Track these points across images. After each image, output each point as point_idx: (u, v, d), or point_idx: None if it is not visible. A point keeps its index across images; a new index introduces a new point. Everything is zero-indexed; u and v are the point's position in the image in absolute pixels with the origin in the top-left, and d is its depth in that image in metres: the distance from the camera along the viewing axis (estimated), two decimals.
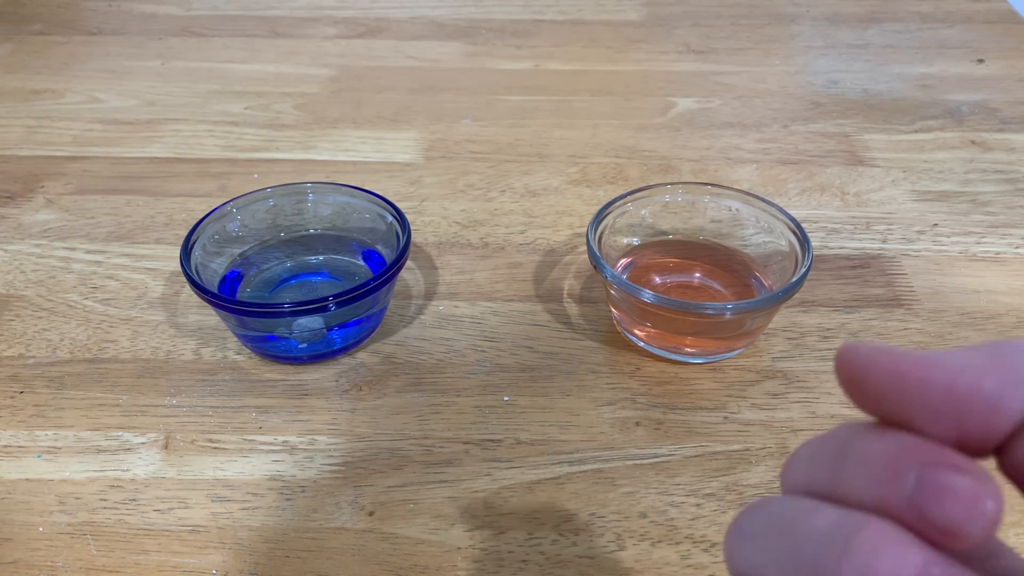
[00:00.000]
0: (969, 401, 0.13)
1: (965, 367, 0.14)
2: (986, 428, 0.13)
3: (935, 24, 0.73)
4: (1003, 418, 0.13)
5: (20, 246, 0.48)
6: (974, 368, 0.14)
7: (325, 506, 0.34)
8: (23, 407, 0.38)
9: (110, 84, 0.64)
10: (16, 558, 0.32)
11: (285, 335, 0.38)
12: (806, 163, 0.54)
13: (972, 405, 0.13)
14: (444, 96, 0.62)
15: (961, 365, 0.14)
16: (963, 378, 0.13)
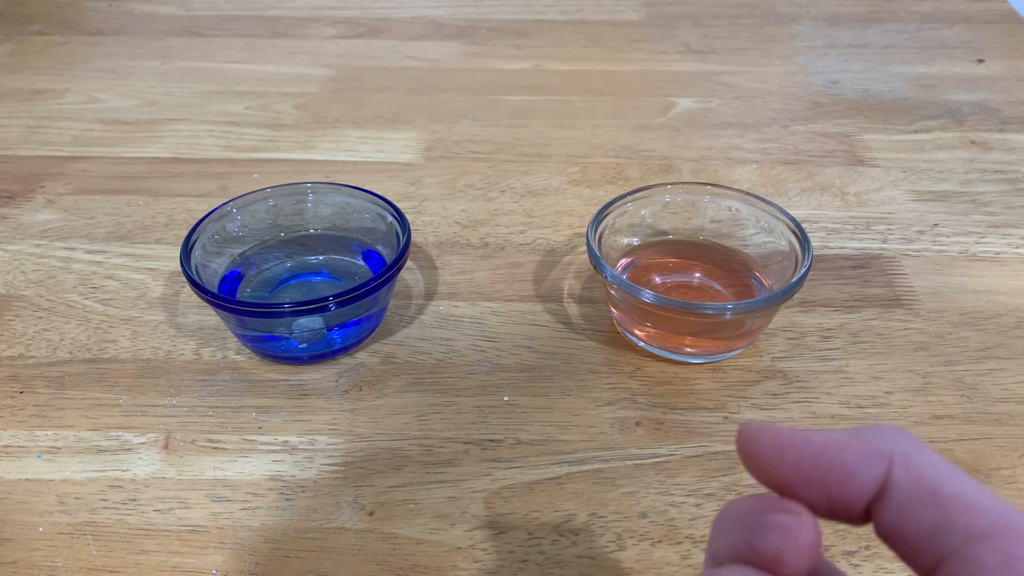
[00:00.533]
0: (831, 470, 0.16)
1: (830, 442, 0.16)
2: (848, 495, 0.16)
3: (935, 24, 0.73)
4: (860, 486, 0.16)
5: (20, 246, 0.48)
6: (837, 443, 0.16)
7: (325, 506, 0.34)
8: (23, 407, 0.38)
9: (110, 84, 0.64)
10: (16, 558, 0.32)
11: (285, 335, 0.38)
12: (806, 163, 0.54)
13: (834, 474, 0.16)
14: (444, 96, 0.62)
15: (827, 441, 0.16)
16: (827, 452, 0.16)
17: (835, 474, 0.16)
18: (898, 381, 0.39)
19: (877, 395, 0.38)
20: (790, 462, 0.17)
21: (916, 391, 0.38)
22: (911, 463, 0.16)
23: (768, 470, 0.17)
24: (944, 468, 0.16)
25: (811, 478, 0.16)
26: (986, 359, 0.40)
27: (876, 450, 0.16)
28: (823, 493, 0.16)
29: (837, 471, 0.16)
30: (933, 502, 0.16)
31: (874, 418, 0.37)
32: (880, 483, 0.16)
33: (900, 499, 0.16)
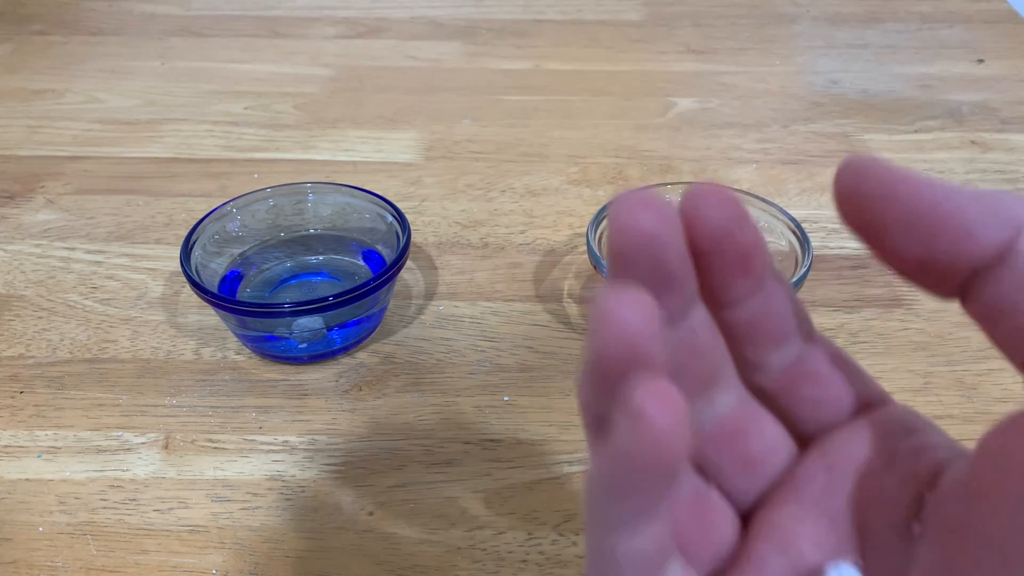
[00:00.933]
0: (947, 221, 0.14)
1: (953, 193, 0.14)
2: (958, 254, 0.14)
3: (935, 24, 0.73)
4: (977, 247, 0.14)
5: (20, 246, 0.48)
6: (963, 195, 0.14)
7: (325, 506, 0.34)
8: (23, 407, 0.38)
9: (110, 84, 0.64)
10: (16, 558, 0.32)
11: (285, 335, 0.38)
12: (806, 163, 0.54)
13: (949, 226, 0.14)
14: (444, 96, 0.62)
15: (951, 191, 0.14)
16: (948, 201, 0.14)
17: (951, 227, 0.14)
18: (898, 381, 0.39)
19: None
20: (902, 202, 0.14)
21: (916, 391, 0.38)
22: None
23: (871, 207, 0.14)
24: None
25: (921, 225, 0.14)
26: (986, 359, 0.40)
27: (1007, 213, 0.14)
28: (927, 245, 0.14)
29: (954, 224, 0.14)
30: None
31: None
32: (1000, 250, 0.14)
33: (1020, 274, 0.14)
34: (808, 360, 0.18)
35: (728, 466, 0.18)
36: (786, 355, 0.18)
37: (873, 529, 0.16)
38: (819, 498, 0.17)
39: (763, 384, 0.18)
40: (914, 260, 0.14)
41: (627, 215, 0.14)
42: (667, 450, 0.13)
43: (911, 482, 0.16)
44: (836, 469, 0.17)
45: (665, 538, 0.15)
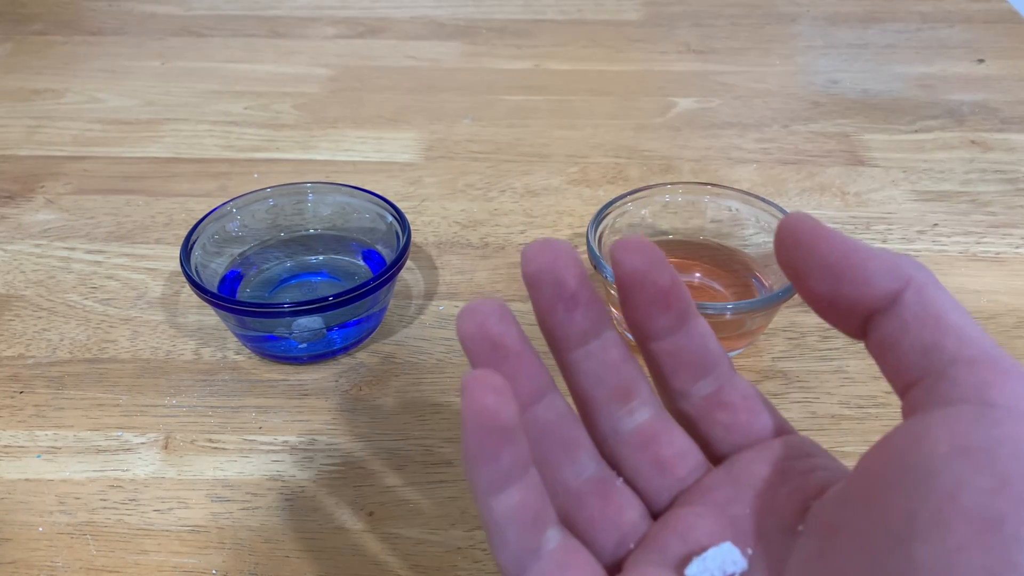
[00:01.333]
0: (853, 271, 0.18)
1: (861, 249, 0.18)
2: (859, 297, 0.18)
3: (935, 24, 0.73)
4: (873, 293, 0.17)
5: (20, 246, 0.48)
6: (867, 252, 0.18)
7: (325, 506, 0.34)
8: (23, 407, 0.38)
9: (110, 84, 0.64)
10: (16, 558, 0.32)
11: (285, 335, 0.38)
12: (806, 163, 0.54)
13: (854, 275, 0.18)
14: (444, 96, 0.62)
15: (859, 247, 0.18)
16: (856, 254, 0.18)
17: (856, 275, 0.18)
18: None
19: (877, 395, 0.38)
20: (822, 250, 0.18)
21: None
22: (925, 290, 0.17)
23: (797, 252, 0.18)
24: (951, 303, 0.17)
25: (832, 272, 0.18)
26: None
27: (899, 269, 0.18)
28: (835, 288, 0.18)
29: (858, 273, 0.18)
30: (933, 326, 0.17)
31: (874, 418, 0.37)
32: (891, 297, 0.17)
33: (905, 316, 0.17)
34: (725, 392, 0.22)
35: (642, 467, 0.21)
36: (706, 386, 0.22)
37: (765, 529, 0.19)
38: (722, 503, 0.20)
39: (686, 410, 0.22)
40: (825, 299, 0.18)
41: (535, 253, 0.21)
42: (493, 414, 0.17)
43: (800, 494, 0.19)
44: (739, 481, 0.20)
45: (536, 504, 0.19)
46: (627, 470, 0.22)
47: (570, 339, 0.22)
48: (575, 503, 0.21)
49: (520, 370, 0.21)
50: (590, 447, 0.22)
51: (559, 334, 0.22)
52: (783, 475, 0.20)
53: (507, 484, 0.18)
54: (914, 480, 0.15)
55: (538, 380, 0.21)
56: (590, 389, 0.22)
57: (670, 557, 0.20)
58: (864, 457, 0.18)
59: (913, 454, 0.16)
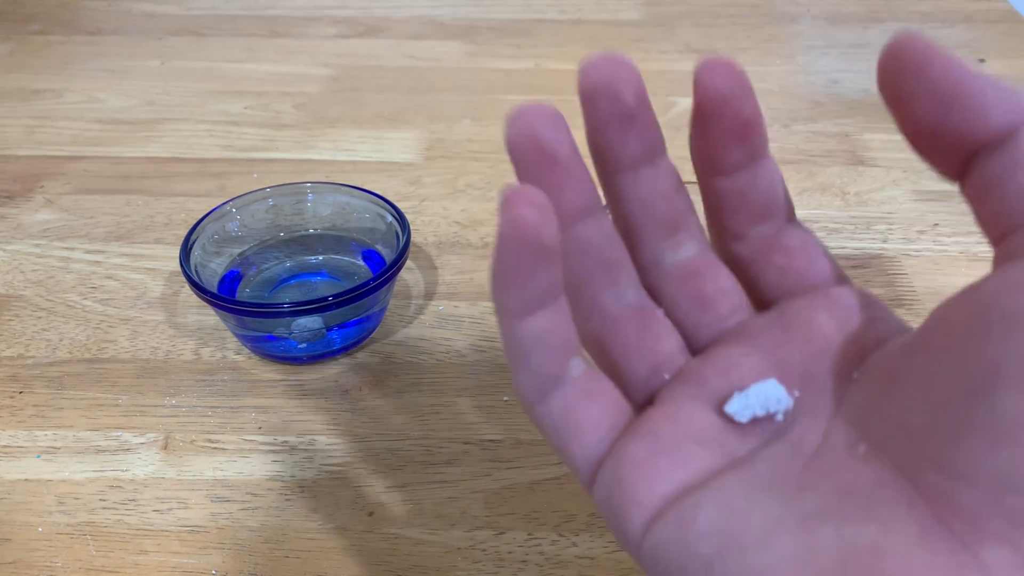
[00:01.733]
0: (967, 98, 0.15)
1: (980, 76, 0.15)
2: (968, 128, 0.15)
3: (936, 24, 0.73)
4: (985, 125, 0.15)
5: (19, 246, 0.48)
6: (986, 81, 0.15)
7: (325, 506, 0.34)
8: (22, 407, 0.38)
9: (109, 84, 0.64)
10: (15, 558, 0.32)
11: (285, 335, 0.38)
12: (806, 163, 0.54)
13: (968, 103, 0.15)
14: (444, 96, 0.62)
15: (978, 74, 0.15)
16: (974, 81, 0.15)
17: (969, 104, 0.15)
18: None
19: None
20: (933, 74, 0.16)
21: None
22: None
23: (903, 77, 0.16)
24: None
25: (941, 98, 0.15)
26: None
27: (1017, 102, 0.15)
28: (942, 117, 0.16)
29: (973, 102, 0.15)
30: None
31: None
32: (1005, 133, 0.15)
33: (1017, 156, 0.15)
34: (782, 235, 0.20)
35: (682, 301, 0.20)
36: (765, 230, 0.20)
37: (815, 374, 0.18)
38: (770, 346, 0.19)
39: (738, 251, 0.20)
40: (928, 130, 0.16)
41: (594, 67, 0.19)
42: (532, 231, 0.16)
43: (858, 343, 0.18)
44: (790, 326, 0.19)
45: (564, 331, 0.18)
46: (667, 304, 0.20)
47: (621, 161, 0.20)
48: (611, 327, 0.20)
49: (567, 182, 0.19)
50: (632, 273, 0.21)
51: (610, 155, 0.20)
52: (839, 323, 0.19)
53: (537, 308, 0.17)
54: (1007, 327, 0.14)
55: (585, 195, 0.20)
56: (636, 216, 0.21)
57: (708, 391, 0.18)
58: (938, 308, 0.16)
59: (1008, 300, 0.14)
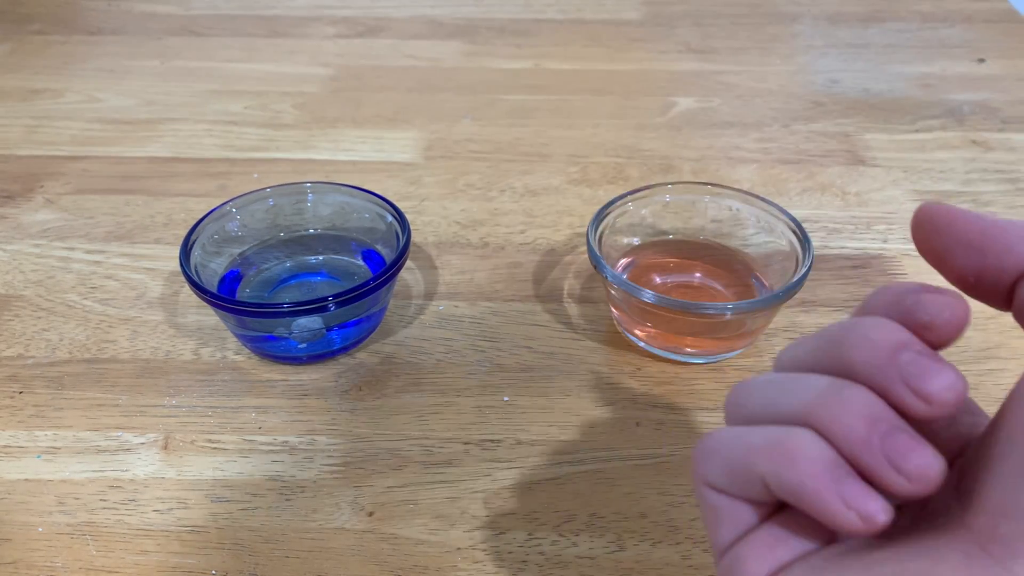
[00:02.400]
0: (993, 242, 0.18)
1: (997, 222, 0.18)
2: (1001, 266, 0.18)
3: (936, 23, 0.73)
4: (1013, 259, 0.18)
5: (19, 246, 0.48)
6: (1003, 223, 0.18)
7: (325, 506, 0.34)
8: (22, 407, 0.38)
9: (109, 84, 0.64)
10: (16, 558, 0.32)
11: (284, 335, 0.38)
12: (806, 163, 0.54)
13: (995, 246, 0.18)
14: (444, 96, 0.62)
15: (995, 220, 0.18)
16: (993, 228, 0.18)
17: (997, 246, 0.18)
18: None
19: None
20: (959, 230, 0.19)
21: None
22: None
23: (937, 237, 0.19)
24: None
25: (972, 247, 0.18)
26: (986, 359, 0.40)
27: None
28: (978, 263, 0.18)
29: (1000, 243, 0.18)
30: None
31: None
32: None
33: None
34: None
35: None
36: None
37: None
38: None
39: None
40: (971, 274, 0.19)
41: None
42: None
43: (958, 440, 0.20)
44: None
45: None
46: None
47: None
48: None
49: None
50: None
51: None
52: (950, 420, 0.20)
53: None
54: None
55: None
56: None
57: None
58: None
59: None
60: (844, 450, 0.17)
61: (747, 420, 0.20)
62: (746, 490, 0.19)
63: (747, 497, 0.20)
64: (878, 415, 0.17)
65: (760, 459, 0.18)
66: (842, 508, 0.17)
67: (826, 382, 0.18)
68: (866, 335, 0.18)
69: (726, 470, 0.20)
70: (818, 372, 0.19)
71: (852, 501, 0.17)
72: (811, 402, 0.18)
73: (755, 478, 0.19)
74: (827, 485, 0.17)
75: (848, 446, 0.17)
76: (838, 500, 0.17)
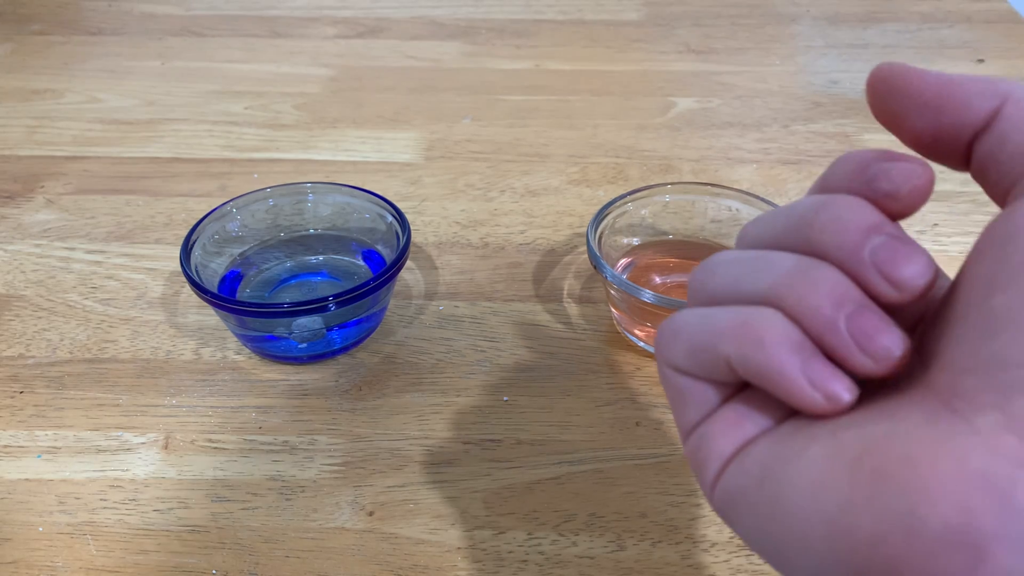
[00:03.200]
0: (950, 99, 0.18)
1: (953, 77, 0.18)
2: (959, 122, 0.18)
3: (935, 24, 0.73)
4: (972, 115, 0.17)
5: (20, 246, 0.48)
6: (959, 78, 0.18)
7: (325, 506, 0.34)
8: (23, 407, 0.38)
9: (110, 84, 0.64)
10: (16, 558, 0.32)
11: (285, 335, 0.38)
12: (806, 163, 0.54)
13: (951, 103, 0.18)
14: (444, 96, 0.62)
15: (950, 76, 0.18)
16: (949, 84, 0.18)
17: (952, 103, 0.18)
18: None
19: None
20: (914, 90, 0.18)
21: None
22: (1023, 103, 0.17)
23: (893, 98, 0.18)
24: None
25: (928, 106, 0.18)
26: None
27: (993, 88, 0.18)
28: (935, 121, 0.18)
29: (955, 100, 0.18)
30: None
31: None
32: (990, 116, 0.17)
33: (1004, 127, 0.17)
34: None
35: None
36: None
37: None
38: None
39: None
40: (929, 134, 0.18)
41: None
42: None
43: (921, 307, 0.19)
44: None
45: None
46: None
47: None
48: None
49: None
50: None
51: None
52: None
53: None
54: (999, 245, 0.16)
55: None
56: None
57: None
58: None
59: (999, 228, 0.16)
60: (810, 331, 0.17)
61: (711, 300, 0.20)
62: (711, 371, 0.19)
63: (712, 378, 0.19)
64: (845, 295, 0.17)
65: (725, 341, 0.18)
66: (808, 388, 0.17)
67: (793, 261, 0.18)
68: (837, 216, 0.18)
69: (690, 352, 0.19)
70: (785, 251, 0.19)
71: (818, 381, 0.17)
72: (777, 282, 0.18)
73: (720, 359, 0.18)
74: (793, 366, 0.17)
75: (814, 327, 0.17)
76: (804, 380, 0.17)
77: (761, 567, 0.31)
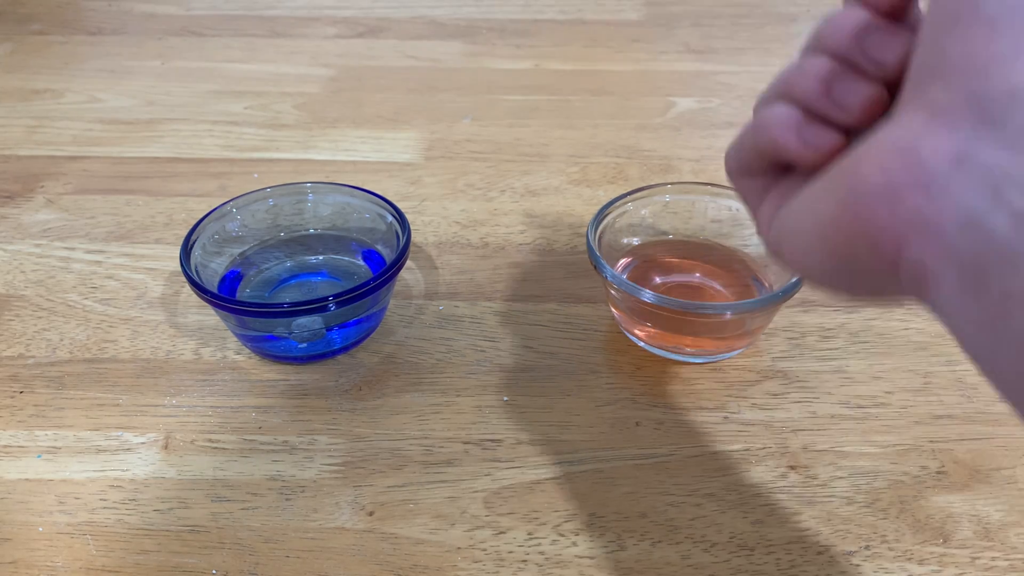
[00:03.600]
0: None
1: None
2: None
3: None
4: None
5: (20, 246, 0.48)
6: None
7: (325, 506, 0.34)
8: (23, 407, 0.38)
9: (110, 84, 0.64)
10: (16, 558, 0.32)
11: (285, 335, 0.38)
12: None
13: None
14: (444, 96, 0.62)
15: None
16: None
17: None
18: (898, 381, 0.39)
19: (878, 395, 0.38)
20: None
21: (916, 391, 0.38)
22: None
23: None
24: None
25: None
26: None
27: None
28: None
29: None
30: None
31: (874, 418, 0.37)
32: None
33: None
34: None
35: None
36: None
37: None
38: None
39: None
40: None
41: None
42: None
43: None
44: None
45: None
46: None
47: None
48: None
49: None
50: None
51: None
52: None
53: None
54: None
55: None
56: None
57: None
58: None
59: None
60: (805, 106, 0.22)
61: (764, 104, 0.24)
62: (752, 165, 0.25)
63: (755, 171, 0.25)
64: (830, 73, 0.21)
65: (751, 136, 0.24)
66: (802, 145, 0.22)
67: (796, 61, 0.23)
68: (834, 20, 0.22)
69: (737, 157, 0.25)
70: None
71: (810, 139, 0.22)
72: (782, 79, 0.23)
73: (752, 151, 0.24)
74: (791, 132, 0.22)
75: (806, 102, 0.22)
76: (800, 141, 0.22)
77: (761, 567, 0.31)
